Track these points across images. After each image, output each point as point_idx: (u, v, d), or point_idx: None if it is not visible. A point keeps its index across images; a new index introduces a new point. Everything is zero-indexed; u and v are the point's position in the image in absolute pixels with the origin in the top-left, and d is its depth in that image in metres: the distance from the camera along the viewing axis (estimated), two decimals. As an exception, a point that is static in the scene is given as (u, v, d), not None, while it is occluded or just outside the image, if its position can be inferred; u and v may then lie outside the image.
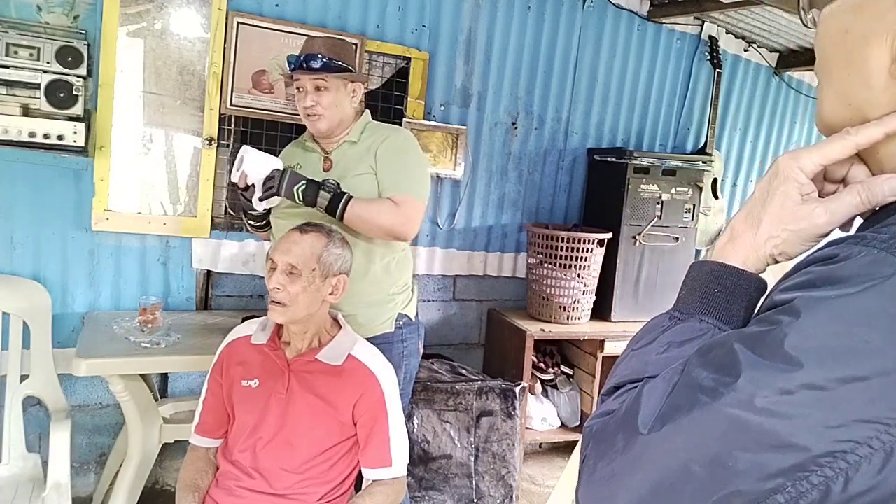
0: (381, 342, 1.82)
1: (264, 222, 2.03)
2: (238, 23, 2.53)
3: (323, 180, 1.84)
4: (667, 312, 0.65)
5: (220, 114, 2.57)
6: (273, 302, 1.59)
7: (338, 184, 1.85)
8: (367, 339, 1.77)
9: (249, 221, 2.03)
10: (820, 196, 0.60)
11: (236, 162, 1.85)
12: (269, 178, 1.82)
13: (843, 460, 0.46)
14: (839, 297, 0.49)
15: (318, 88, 1.91)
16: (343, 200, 1.81)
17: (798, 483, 0.47)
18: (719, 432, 0.49)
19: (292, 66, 1.94)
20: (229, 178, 2.15)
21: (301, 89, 1.94)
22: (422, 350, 2.10)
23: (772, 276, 0.61)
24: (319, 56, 1.89)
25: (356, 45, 2.67)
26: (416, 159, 1.98)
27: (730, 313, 0.61)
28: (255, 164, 1.83)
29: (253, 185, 1.84)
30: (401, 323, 1.98)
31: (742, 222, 0.63)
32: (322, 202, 1.81)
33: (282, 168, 1.85)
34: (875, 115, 0.57)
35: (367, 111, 2.06)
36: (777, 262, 0.63)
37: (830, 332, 0.48)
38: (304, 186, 1.80)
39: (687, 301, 0.64)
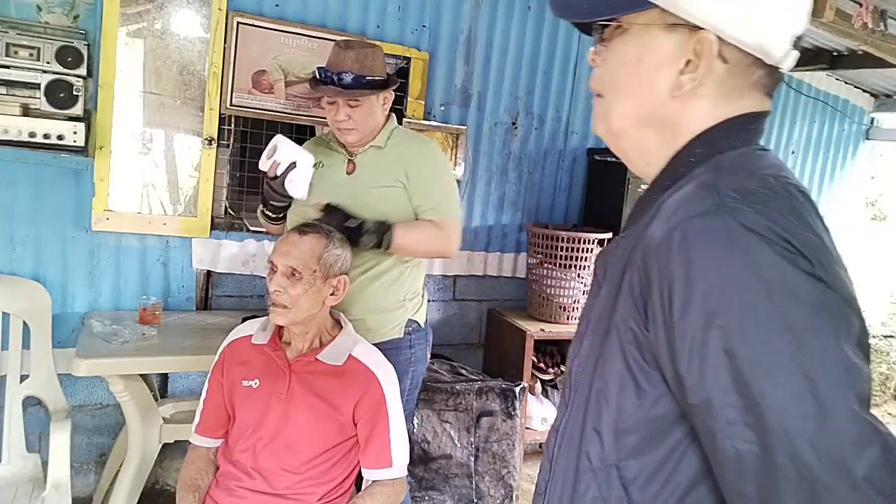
0: (389, 348, 1.81)
1: (282, 214, 1.99)
2: (238, 23, 2.53)
3: (360, 222, 1.78)
4: None
5: (220, 114, 2.57)
6: (274, 304, 1.59)
7: (375, 223, 1.80)
8: (375, 344, 1.77)
9: (267, 213, 1.99)
10: None
11: (267, 150, 1.82)
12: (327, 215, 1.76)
13: None
14: None
15: (350, 104, 1.89)
16: (388, 234, 1.79)
17: None
18: None
19: (321, 79, 1.89)
20: (228, 176, 2.13)
21: (332, 102, 1.91)
22: (429, 355, 2.08)
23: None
24: (351, 72, 1.86)
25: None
26: (450, 177, 1.99)
27: None
28: (289, 155, 1.79)
29: (283, 174, 1.79)
30: (410, 329, 1.97)
31: None
32: (367, 243, 1.78)
33: (312, 162, 1.83)
34: None
35: (393, 115, 2.04)
36: None
37: None
38: (347, 231, 1.76)
39: None
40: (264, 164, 1.82)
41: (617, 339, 0.71)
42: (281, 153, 1.79)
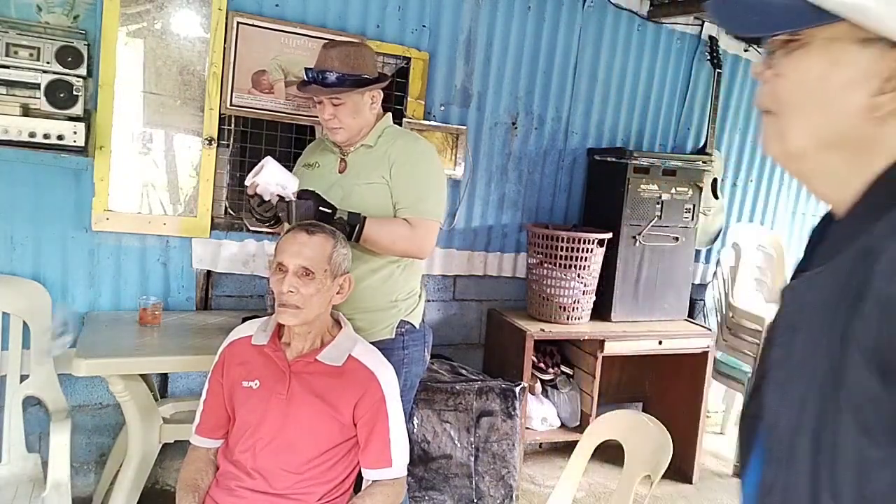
0: (381, 348, 1.80)
1: (273, 221, 2.00)
2: (238, 23, 2.53)
3: (333, 210, 1.80)
4: None
5: (220, 114, 2.57)
6: (284, 305, 1.58)
7: (347, 213, 1.82)
8: None
9: (257, 221, 2.00)
10: None
11: (255, 168, 1.81)
12: (280, 202, 1.78)
13: None
14: None
15: (334, 102, 1.90)
16: (358, 226, 1.79)
17: None
18: None
19: (307, 79, 1.91)
20: (228, 176, 2.13)
21: (320, 101, 1.93)
22: (427, 358, 2.07)
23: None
24: (333, 71, 1.88)
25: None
26: (434, 175, 1.96)
27: None
28: (271, 178, 1.78)
29: (259, 194, 1.80)
30: (402, 330, 1.96)
31: None
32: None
33: (296, 188, 1.81)
34: None
35: (388, 115, 2.04)
36: None
37: None
38: (320, 216, 1.77)
39: None
40: (248, 181, 1.82)
41: (848, 398, 0.63)
42: (263, 175, 1.77)
